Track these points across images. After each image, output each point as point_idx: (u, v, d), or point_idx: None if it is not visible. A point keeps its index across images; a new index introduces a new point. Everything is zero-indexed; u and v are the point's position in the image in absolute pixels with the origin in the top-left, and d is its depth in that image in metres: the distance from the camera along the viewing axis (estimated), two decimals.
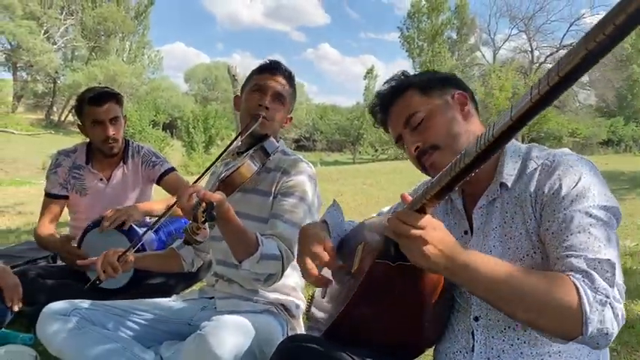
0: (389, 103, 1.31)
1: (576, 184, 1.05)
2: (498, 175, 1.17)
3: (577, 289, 0.94)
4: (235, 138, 1.71)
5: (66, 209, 2.61)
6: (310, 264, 1.24)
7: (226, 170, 1.58)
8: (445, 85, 1.28)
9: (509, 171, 1.16)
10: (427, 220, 0.97)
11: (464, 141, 1.21)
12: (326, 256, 1.23)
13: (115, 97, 2.46)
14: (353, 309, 1.16)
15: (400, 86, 1.31)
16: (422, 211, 0.96)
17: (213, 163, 1.79)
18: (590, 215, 1.02)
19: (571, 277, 0.96)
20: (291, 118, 1.88)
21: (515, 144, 1.20)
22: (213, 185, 1.46)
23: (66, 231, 2.46)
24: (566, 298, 0.94)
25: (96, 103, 2.38)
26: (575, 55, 0.62)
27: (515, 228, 1.13)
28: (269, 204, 1.66)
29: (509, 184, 1.15)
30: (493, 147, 0.78)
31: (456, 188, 0.91)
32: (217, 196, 1.37)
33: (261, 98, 1.72)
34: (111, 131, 2.41)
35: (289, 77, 1.80)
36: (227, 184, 1.44)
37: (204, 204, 1.32)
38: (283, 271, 1.53)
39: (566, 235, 1.02)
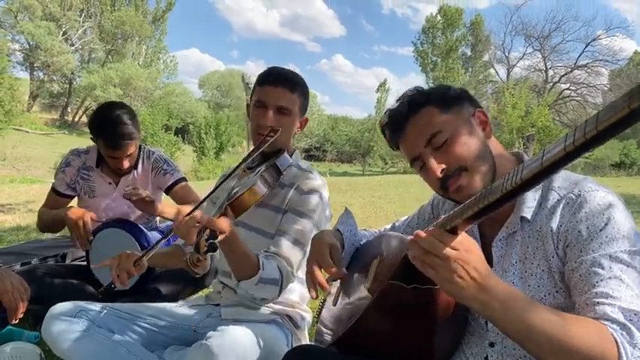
0: (404, 121, 1.21)
1: (605, 226, 1.00)
2: (518, 208, 1.12)
3: (616, 342, 0.89)
4: (244, 160, 1.62)
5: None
6: (319, 273, 1.25)
7: (236, 189, 1.52)
8: (462, 102, 1.21)
9: (530, 202, 1.11)
10: (461, 240, 0.87)
11: (490, 162, 1.16)
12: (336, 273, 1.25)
13: (135, 133, 2.36)
14: (363, 325, 1.15)
15: (417, 102, 1.21)
16: (454, 231, 0.87)
17: (222, 182, 1.69)
18: (621, 261, 0.97)
19: (608, 327, 0.91)
20: (307, 119, 1.81)
21: None
22: (220, 206, 1.40)
23: (67, 231, 2.46)
24: (606, 351, 0.88)
25: (115, 147, 2.33)
26: (616, 111, 0.60)
27: (536, 265, 1.08)
28: (278, 220, 1.64)
29: (529, 217, 1.10)
30: (519, 190, 0.75)
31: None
32: (224, 225, 1.31)
33: (264, 116, 1.66)
34: (125, 165, 2.42)
35: (293, 84, 1.68)
36: (235, 207, 1.38)
37: (208, 231, 1.24)
38: (281, 291, 1.52)
39: (595, 280, 0.97)
